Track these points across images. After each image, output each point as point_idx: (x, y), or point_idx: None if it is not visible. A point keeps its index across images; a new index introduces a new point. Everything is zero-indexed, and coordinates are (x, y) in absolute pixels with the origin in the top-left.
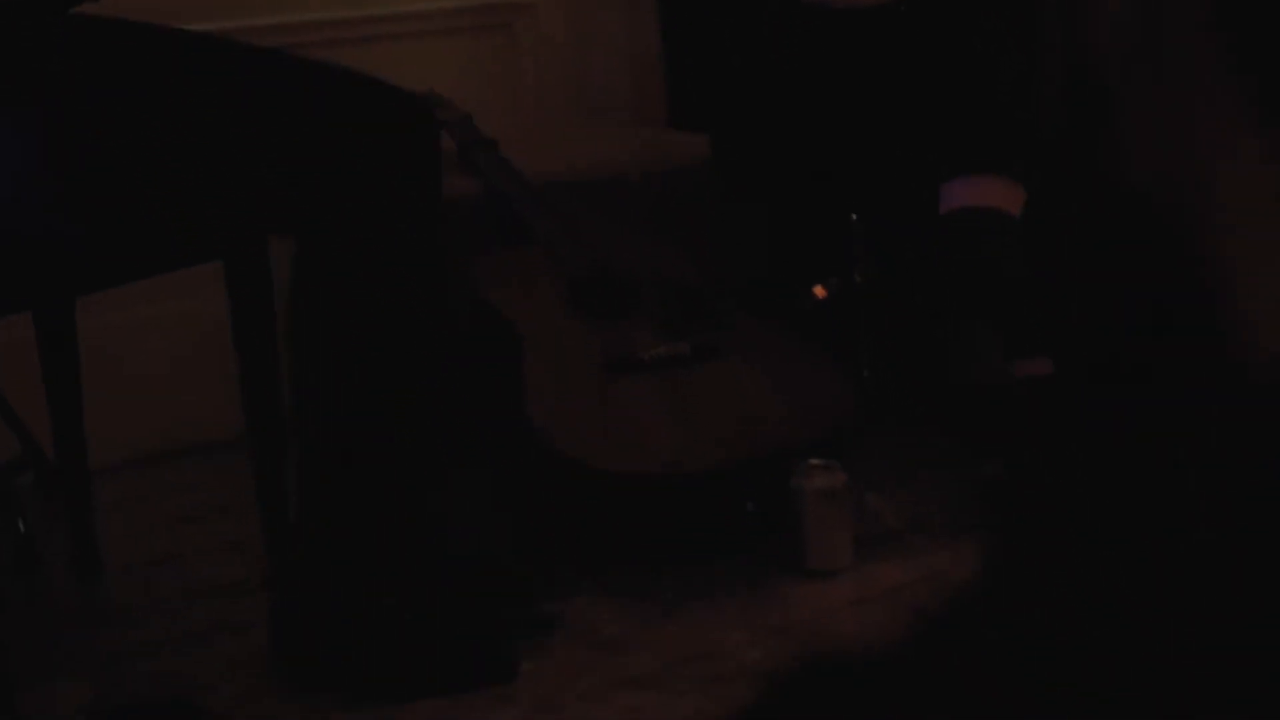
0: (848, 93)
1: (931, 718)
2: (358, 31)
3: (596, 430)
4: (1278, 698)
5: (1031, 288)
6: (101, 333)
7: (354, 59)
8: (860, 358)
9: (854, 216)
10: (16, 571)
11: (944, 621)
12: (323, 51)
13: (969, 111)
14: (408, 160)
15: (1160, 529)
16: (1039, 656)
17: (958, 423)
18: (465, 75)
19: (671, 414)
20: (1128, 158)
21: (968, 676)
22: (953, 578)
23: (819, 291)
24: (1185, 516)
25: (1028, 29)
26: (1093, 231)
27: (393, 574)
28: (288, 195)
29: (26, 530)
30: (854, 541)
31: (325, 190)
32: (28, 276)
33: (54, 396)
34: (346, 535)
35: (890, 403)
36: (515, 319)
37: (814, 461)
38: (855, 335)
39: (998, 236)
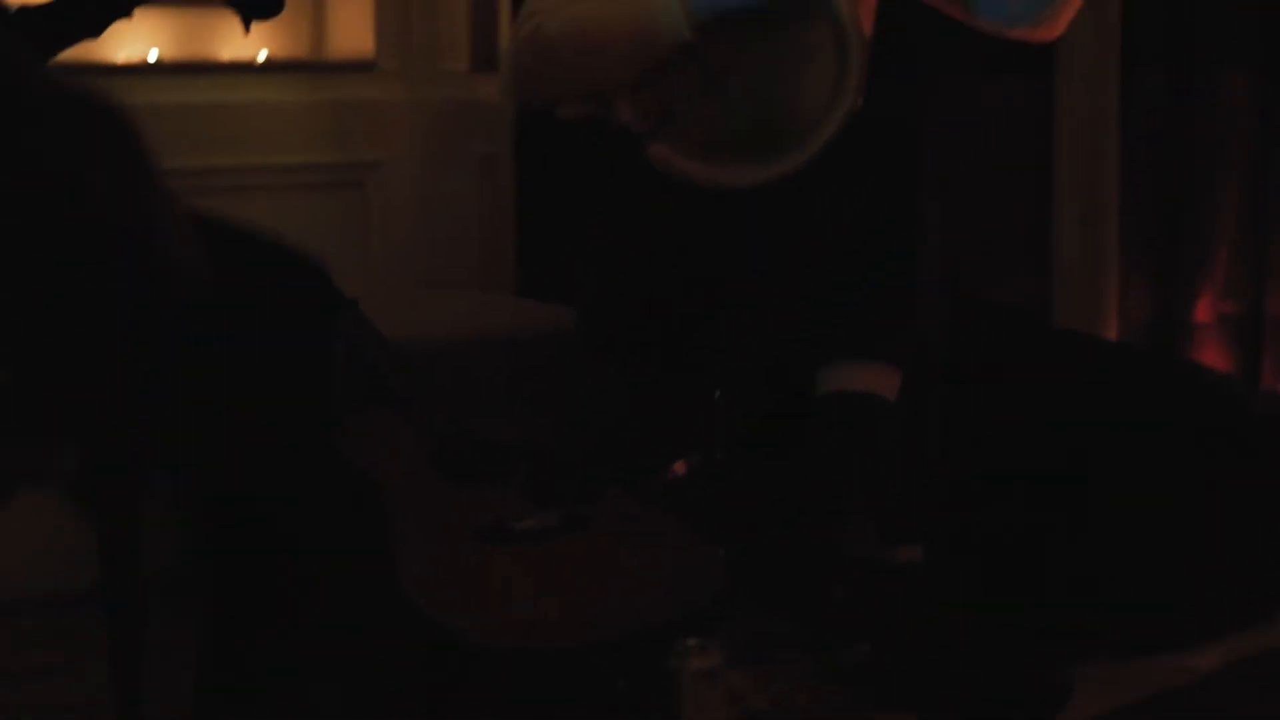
0: (717, 271)
1: None
2: (206, 182)
3: (467, 600)
4: None
5: (906, 474)
6: None
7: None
8: (719, 536)
9: (717, 393)
10: None
11: None
12: None
13: (847, 296)
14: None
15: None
16: None
17: (822, 604)
18: (315, 233)
19: (541, 587)
20: None
21: None
22: None
23: (679, 467)
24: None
25: (908, 215)
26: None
27: None
28: None
29: None
30: None
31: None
32: None
33: None
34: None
35: (749, 582)
36: (382, 482)
37: (690, 641)
38: (715, 513)
39: (873, 423)
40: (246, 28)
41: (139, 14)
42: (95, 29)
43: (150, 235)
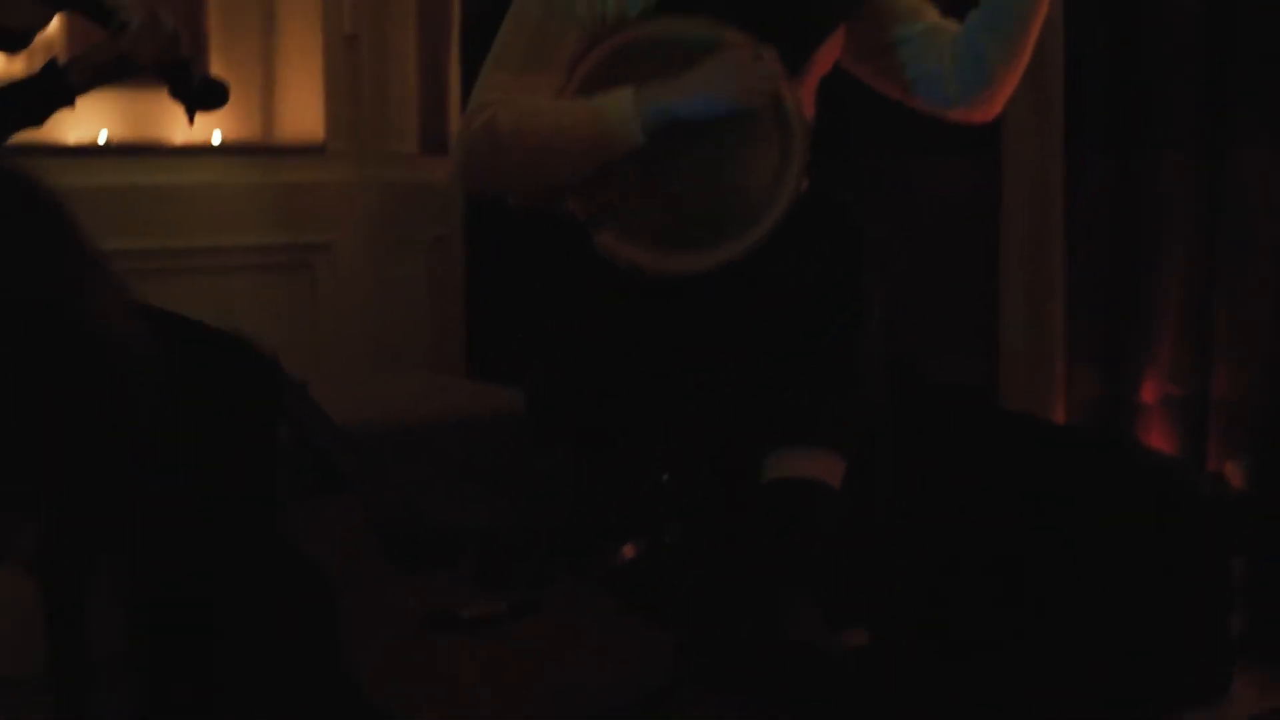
0: (664, 355)
1: None
2: (156, 263)
3: (414, 689)
4: None
5: (852, 558)
6: None
7: (154, 294)
8: (667, 620)
9: (665, 477)
10: None
11: None
12: None
13: (791, 381)
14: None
15: None
16: None
17: (769, 688)
18: (264, 314)
19: (489, 675)
20: None
21: None
22: None
23: (628, 551)
24: None
25: (851, 299)
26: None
27: None
28: None
29: None
30: None
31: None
32: None
33: None
34: None
35: (697, 667)
36: (329, 567)
37: None
38: (663, 597)
39: (818, 510)
40: (191, 120)
41: (89, 95)
42: (37, 119)
43: (79, 307)
